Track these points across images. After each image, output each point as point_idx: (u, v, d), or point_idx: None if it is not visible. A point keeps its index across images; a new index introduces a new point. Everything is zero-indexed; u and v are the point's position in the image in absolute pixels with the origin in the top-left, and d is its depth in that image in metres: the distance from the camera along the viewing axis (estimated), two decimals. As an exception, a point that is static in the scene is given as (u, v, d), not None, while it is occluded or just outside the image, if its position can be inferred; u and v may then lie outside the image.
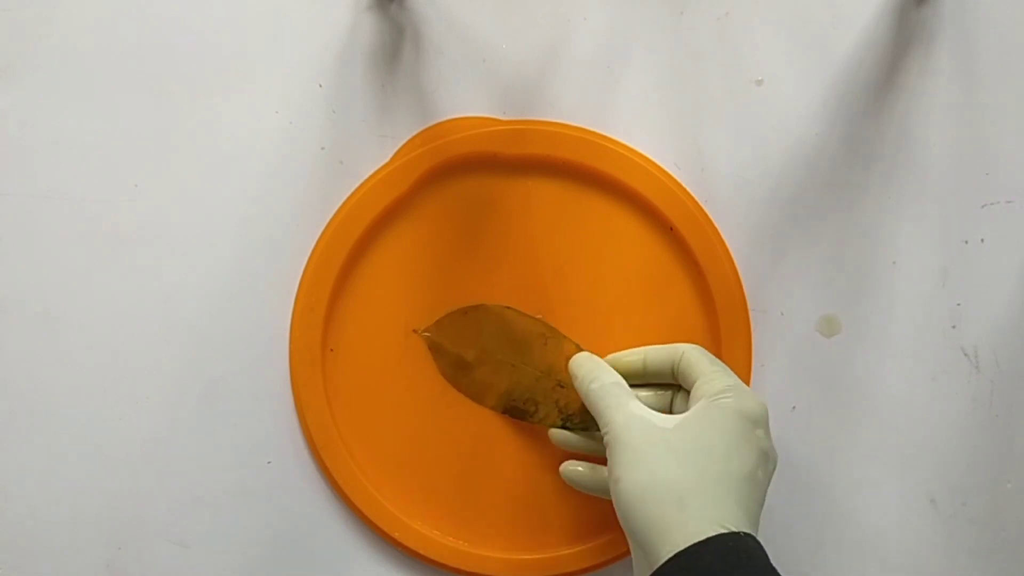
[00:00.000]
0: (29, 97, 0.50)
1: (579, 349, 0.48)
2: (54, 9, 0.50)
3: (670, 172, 0.48)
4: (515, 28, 0.49)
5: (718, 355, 0.46)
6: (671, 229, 0.47)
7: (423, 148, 0.47)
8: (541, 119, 0.48)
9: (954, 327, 0.48)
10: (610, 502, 0.40)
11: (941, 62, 0.48)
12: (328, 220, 0.48)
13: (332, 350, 0.48)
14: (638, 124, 0.48)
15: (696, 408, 0.41)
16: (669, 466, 0.38)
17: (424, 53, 0.49)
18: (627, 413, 0.41)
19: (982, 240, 0.48)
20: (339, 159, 0.49)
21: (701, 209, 0.48)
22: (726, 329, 0.47)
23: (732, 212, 0.48)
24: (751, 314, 0.48)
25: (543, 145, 0.47)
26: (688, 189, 0.48)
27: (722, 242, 0.48)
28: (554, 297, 0.48)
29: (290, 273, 0.49)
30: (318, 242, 0.48)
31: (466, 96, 0.49)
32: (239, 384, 0.49)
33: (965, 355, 0.48)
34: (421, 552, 0.48)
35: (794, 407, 0.48)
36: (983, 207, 0.48)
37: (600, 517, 0.48)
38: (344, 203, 0.48)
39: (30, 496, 0.50)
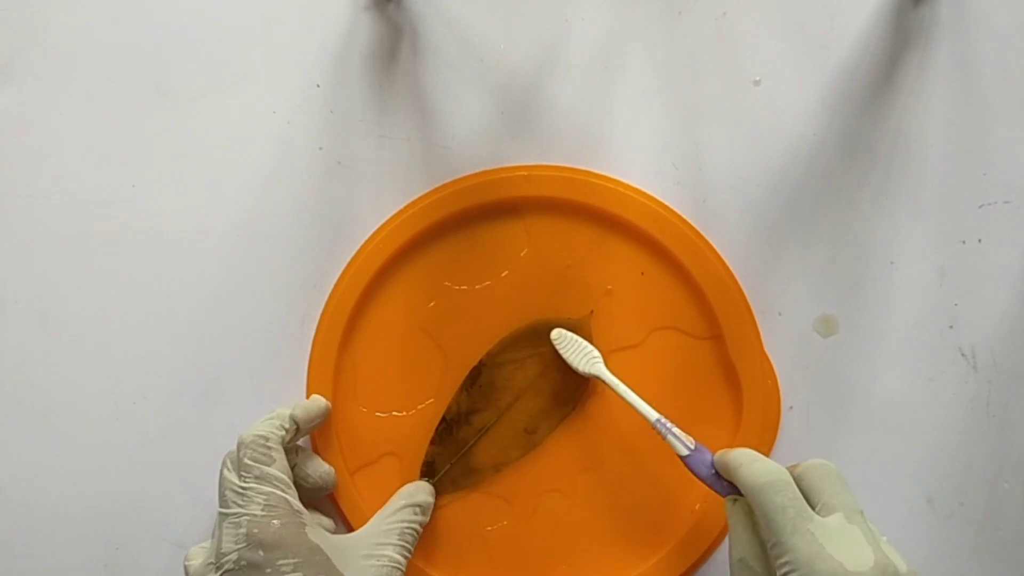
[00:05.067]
0: (27, 97, 0.50)
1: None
2: (53, 9, 0.50)
3: (669, 173, 0.48)
4: (513, 28, 0.49)
5: (726, 373, 0.48)
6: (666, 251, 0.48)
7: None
8: (538, 164, 0.48)
9: (951, 327, 0.48)
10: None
11: (938, 63, 0.48)
12: (327, 221, 0.49)
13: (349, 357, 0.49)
14: (636, 124, 0.48)
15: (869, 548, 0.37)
16: None
17: (422, 53, 0.49)
18: (815, 549, 0.36)
19: (979, 240, 0.48)
20: (337, 159, 0.49)
21: (695, 230, 0.48)
22: (730, 336, 0.47)
23: (730, 212, 0.48)
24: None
25: (537, 188, 0.48)
26: (687, 198, 0.48)
27: (719, 257, 0.48)
28: (561, 309, 0.48)
29: (288, 273, 0.49)
30: (351, 261, 0.49)
31: (463, 96, 0.49)
32: (236, 384, 0.49)
33: (962, 355, 0.48)
34: (423, 567, 0.48)
35: (791, 407, 0.48)
36: (980, 207, 0.48)
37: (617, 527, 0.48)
38: (363, 245, 0.49)
39: (28, 496, 0.49)
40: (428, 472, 0.48)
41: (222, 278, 0.49)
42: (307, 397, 0.48)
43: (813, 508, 0.39)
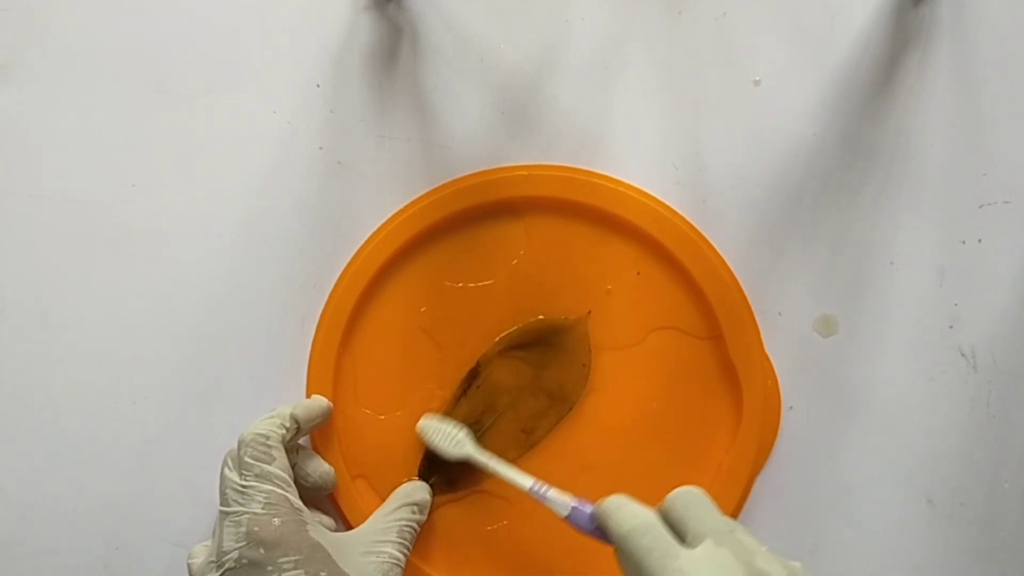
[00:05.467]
0: (27, 97, 0.50)
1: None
2: (53, 9, 0.50)
3: (669, 173, 0.48)
4: (513, 28, 0.49)
5: (726, 373, 0.48)
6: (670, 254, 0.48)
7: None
8: (538, 163, 0.48)
9: (951, 327, 0.48)
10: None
11: (938, 63, 0.48)
12: (327, 221, 0.49)
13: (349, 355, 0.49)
14: (636, 124, 0.48)
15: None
16: None
17: (421, 53, 0.49)
18: None
19: (979, 240, 0.48)
20: (337, 159, 0.49)
21: (695, 230, 0.48)
22: (730, 336, 0.47)
23: (730, 212, 0.48)
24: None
25: (537, 187, 0.48)
26: (687, 198, 0.48)
27: (719, 257, 0.48)
28: (561, 309, 0.48)
29: (288, 273, 0.49)
30: (351, 262, 0.49)
31: (463, 96, 0.49)
32: (236, 384, 0.49)
33: (962, 355, 0.48)
34: (423, 567, 0.48)
35: (791, 407, 0.48)
36: (980, 207, 0.48)
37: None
38: (363, 245, 0.49)
39: (28, 496, 0.49)
40: (425, 472, 0.48)
41: (222, 278, 0.49)
42: (307, 398, 0.48)
43: (683, 540, 0.37)
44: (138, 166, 0.49)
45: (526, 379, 0.48)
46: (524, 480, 0.44)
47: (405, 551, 0.44)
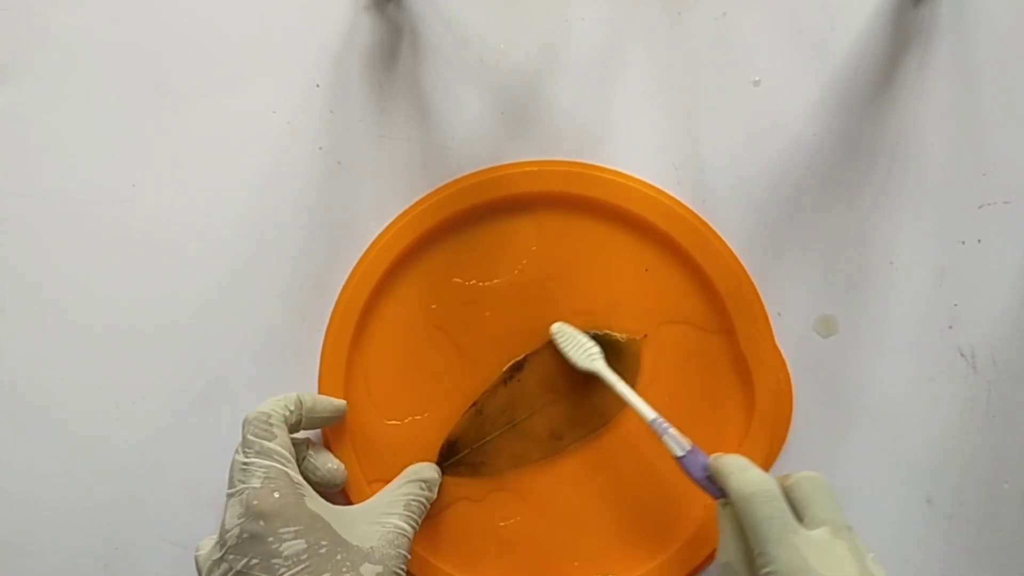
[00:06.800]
0: (27, 97, 0.50)
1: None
2: (53, 9, 0.50)
3: (668, 173, 0.48)
4: (513, 28, 0.49)
5: (737, 367, 0.47)
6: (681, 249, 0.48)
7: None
8: (537, 159, 0.48)
9: (951, 327, 0.48)
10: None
11: (938, 63, 0.48)
12: (327, 221, 0.49)
13: (360, 353, 0.49)
14: (636, 124, 0.48)
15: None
16: None
17: (421, 53, 0.49)
18: (798, 562, 0.37)
19: (979, 240, 0.48)
20: (337, 159, 0.49)
21: (706, 224, 0.48)
22: (741, 329, 0.47)
23: (729, 212, 0.48)
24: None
25: (548, 183, 0.48)
26: (687, 199, 0.48)
27: (730, 251, 0.48)
28: (573, 303, 0.48)
29: (288, 273, 0.49)
30: (364, 256, 0.49)
31: (463, 96, 0.49)
32: (236, 384, 0.49)
33: (962, 355, 0.48)
34: (437, 563, 0.48)
35: (791, 407, 0.48)
36: (980, 207, 0.48)
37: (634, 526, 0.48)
38: (375, 240, 0.49)
39: (28, 496, 0.49)
40: (448, 451, 0.48)
41: (222, 278, 0.49)
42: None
43: (801, 520, 0.39)
44: (138, 166, 0.49)
45: (570, 384, 0.48)
46: (647, 411, 0.44)
47: (412, 523, 0.44)
